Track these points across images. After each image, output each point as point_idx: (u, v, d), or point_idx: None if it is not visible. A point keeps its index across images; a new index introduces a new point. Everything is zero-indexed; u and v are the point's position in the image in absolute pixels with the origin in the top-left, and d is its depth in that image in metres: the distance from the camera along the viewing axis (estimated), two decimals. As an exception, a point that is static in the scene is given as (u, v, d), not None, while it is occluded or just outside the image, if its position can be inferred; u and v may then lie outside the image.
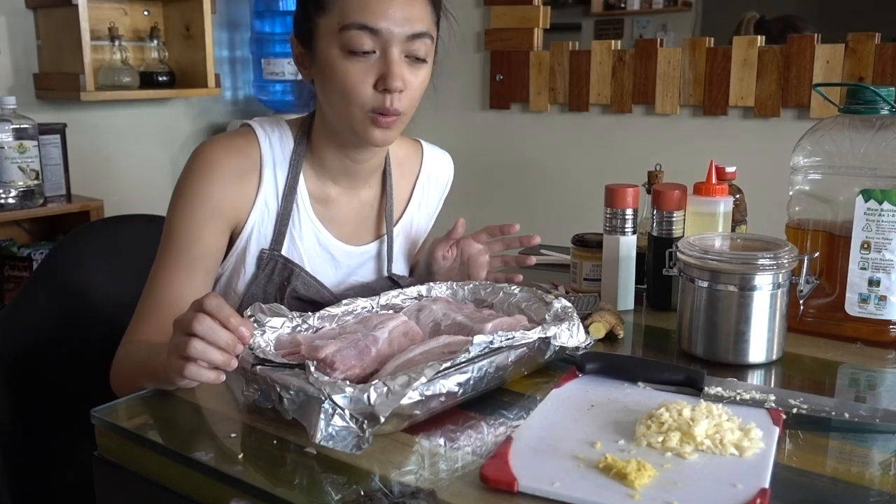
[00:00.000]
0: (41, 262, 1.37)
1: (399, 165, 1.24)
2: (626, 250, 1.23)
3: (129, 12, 2.48)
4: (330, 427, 0.74)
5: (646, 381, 0.92)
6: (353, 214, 1.19)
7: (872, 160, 1.07)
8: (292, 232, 1.12)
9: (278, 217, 1.11)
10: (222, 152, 1.07)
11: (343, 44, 1.00)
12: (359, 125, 1.03)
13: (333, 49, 1.01)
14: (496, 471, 0.71)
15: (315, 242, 1.15)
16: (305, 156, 1.13)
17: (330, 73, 1.02)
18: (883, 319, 1.09)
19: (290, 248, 1.13)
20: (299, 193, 1.12)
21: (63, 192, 2.29)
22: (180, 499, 0.79)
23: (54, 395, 1.26)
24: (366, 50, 1.00)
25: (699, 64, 2.24)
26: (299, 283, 1.12)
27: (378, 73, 1.01)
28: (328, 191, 1.15)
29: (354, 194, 1.18)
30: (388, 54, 1.00)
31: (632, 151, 2.39)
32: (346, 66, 1.00)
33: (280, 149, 1.11)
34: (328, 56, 1.02)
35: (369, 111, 1.02)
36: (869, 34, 2.00)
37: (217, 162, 1.06)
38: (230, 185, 1.07)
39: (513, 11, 2.55)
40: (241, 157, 1.08)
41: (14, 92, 2.26)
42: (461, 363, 0.82)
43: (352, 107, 1.02)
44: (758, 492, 0.68)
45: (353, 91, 1.01)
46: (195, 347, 0.81)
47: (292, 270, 1.12)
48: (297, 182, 1.11)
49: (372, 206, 1.21)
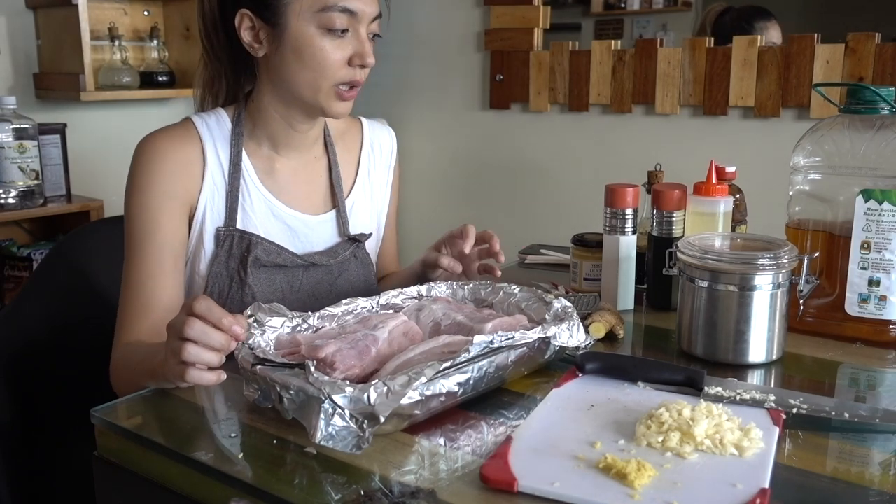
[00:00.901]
0: (41, 262, 1.37)
1: (341, 138, 1.29)
2: (626, 250, 1.23)
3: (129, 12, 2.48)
4: (330, 427, 0.74)
5: (646, 381, 0.92)
6: (303, 185, 1.22)
7: (872, 160, 1.07)
8: (244, 206, 1.16)
9: (228, 194, 1.15)
10: (162, 140, 1.12)
11: (322, 23, 1.07)
12: (324, 98, 1.10)
13: (309, 28, 1.07)
14: (496, 471, 0.71)
15: (268, 213, 1.17)
16: (245, 133, 1.17)
17: (305, 50, 1.07)
18: (883, 319, 1.09)
19: (245, 222, 1.16)
20: (245, 169, 1.16)
21: (63, 192, 2.29)
22: (180, 499, 0.79)
23: (54, 395, 1.26)
24: (342, 29, 1.07)
25: (699, 64, 2.24)
26: (259, 251, 1.15)
27: (353, 50, 1.09)
28: (274, 164, 1.19)
29: (301, 165, 1.22)
30: (360, 33, 1.09)
31: (632, 151, 2.39)
32: (324, 45, 1.07)
33: (218, 130, 1.16)
34: (304, 34, 1.07)
35: (337, 85, 1.10)
36: (869, 34, 2.00)
37: (159, 150, 1.11)
38: (176, 169, 1.11)
39: (513, 11, 2.55)
40: (181, 142, 1.13)
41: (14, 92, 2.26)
42: (461, 363, 0.82)
43: (322, 81, 1.09)
44: (758, 492, 0.68)
45: (329, 68, 1.08)
46: (190, 352, 0.82)
47: (250, 240, 1.15)
48: (240, 158, 1.16)
49: (321, 177, 1.25)
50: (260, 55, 1.12)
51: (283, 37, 1.08)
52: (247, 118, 1.18)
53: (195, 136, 1.14)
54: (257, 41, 1.11)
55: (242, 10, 1.09)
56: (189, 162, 1.12)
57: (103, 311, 1.34)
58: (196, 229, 1.14)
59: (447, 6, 2.69)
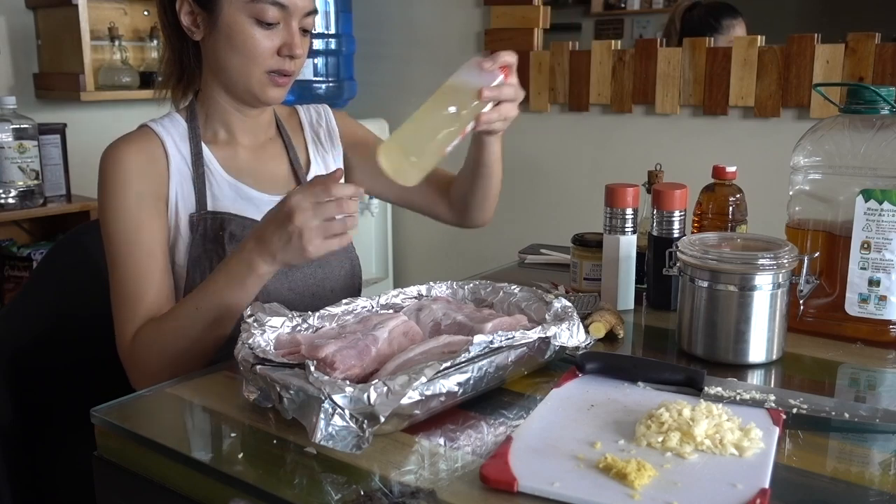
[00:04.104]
0: (41, 261, 1.37)
1: (286, 122, 1.34)
2: (626, 250, 1.23)
3: (129, 12, 2.48)
4: (330, 427, 0.74)
5: (646, 381, 0.92)
6: (264, 166, 1.26)
7: (872, 160, 1.07)
8: (212, 191, 1.19)
9: (194, 181, 1.19)
10: (124, 145, 1.16)
11: (253, 14, 1.11)
12: (256, 84, 1.15)
13: (241, 16, 1.12)
14: (496, 471, 0.71)
15: (236, 196, 1.21)
16: (201, 125, 1.22)
17: (236, 37, 1.12)
18: (883, 319, 1.09)
19: (215, 206, 1.19)
20: (206, 159, 1.20)
21: (63, 192, 2.29)
22: (180, 499, 0.79)
23: (54, 395, 1.26)
24: (272, 21, 1.12)
25: (699, 64, 2.24)
26: (234, 227, 1.17)
27: (282, 41, 1.13)
28: (233, 149, 1.23)
29: (259, 149, 1.26)
30: (290, 26, 1.14)
31: (632, 151, 2.39)
32: (253, 33, 1.12)
33: (174, 128, 1.20)
34: (236, 22, 1.12)
35: (268, 72, 1.15)
36: (869, 34, 2.00)
37: (123, 154, 1.15)
38: (143, 168, 1.15)
39: (513, 11, 2.55)
40: (142, 143, 1.17)
41: (14, 92, 2.27)
42: (461, 363, 0.82)
43: (253, 68, 1.14)
44: (758, 492, 0.68)
45: (259, 56, 1.13)
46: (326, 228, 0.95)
47: (223, 219, 1.18)
48: (200, 150, 1.20)
49: (281, 158, 1.29)
50: (196, 38, 1.17)
51: (217, 23, 1.13)
52: (199, 111, 1.23)
53: (154, 137, 1.18)
54: (195, 25, 1.16)
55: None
56: (153, 160, 1.16)
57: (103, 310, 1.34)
58: (171, 221, 1.17)
59: (447, 6, 2.69)
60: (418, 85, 2.79)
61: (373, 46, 2.87)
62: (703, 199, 1.30)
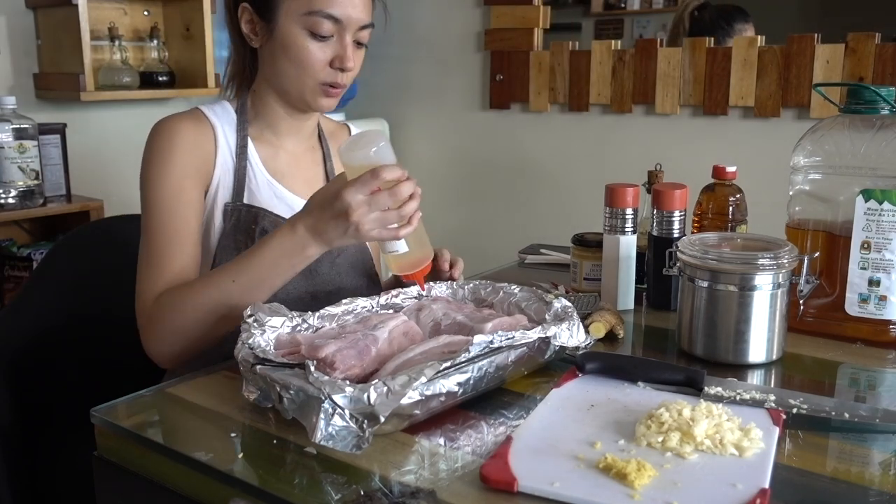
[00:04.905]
0: (41, 261, 1.37)
1: (331, 136, 1.36)
2: (626, 250, 1.23)
3: (129, 12, 2.47)
4: (330, 427, 0.74)
5: (646, 381, 0.92)
6: (303, 171, 1.28)
7: (872, 160, 1.07)
8: (250, 186, 1.21)
9: (235, 172, 1.21)
10: (178, 122, 1.18)
11: (307, 26, 1.13)
12: (309, 94, 1.17)
13: (296, 28, 1.13)
14: (496, 471, 0.71)
15: (272, 195, 1.22)
16: (249, 120, 1.24)
17: (290, 47, 1.14)
18: (883, 319, 1.09)
19: (251, 200, 1.21)
20: (250, 152, 1.22)
21: (63, 192, 2.29)
22: (180, 499, 0.79)
23: (54, 395, 1.26)
24: (326, 35, 1.13)
25: (699, 64, 2.24)
26: (267, 223, 1.19)
27: (334, 53, 1.15)
28: (276, 150, 1.26)
29: (300, 153, 1.29)
30: (344, 40, 1.15)
31: (632, 151, 2.39)
32: (307, 45, 1.14)
33: (225, 116, 1.23)
34: (291, 33, 1.14)
35: (321, 83, 1.16)
36: (869, 34, 2.00)
37: (175, 130, 1.17)
38: (193, 147, 1.17)
39: (513, 11, 2.55)
40: (194, 123, 1.19)
41: (14, 92, 2.26)
42: (461, 363, 0.82)
43: (306, 79, 1.16)
44: (758, 492, 0.68)
45: (312, 67, 1.15)
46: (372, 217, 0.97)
47: (257, 213, 1.20)
48: (245, 142, 1.22)
49: (318, 166, 1.32)
50: (255, 45, 1.20)
51: (273, 32, 1.15)
52: (250, 107, 1.25)
53: (206, 121, 1.20)
54: (254, 33, 1.19)
55: (243, 3, 1.18)
56: (203, 141, 1.19)
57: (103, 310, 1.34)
58: (208, 205, 1.19)
59: (447, 6, 2.69)
60: (418, 85, 2.79)
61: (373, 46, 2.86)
62: (703, 199, 1.30)
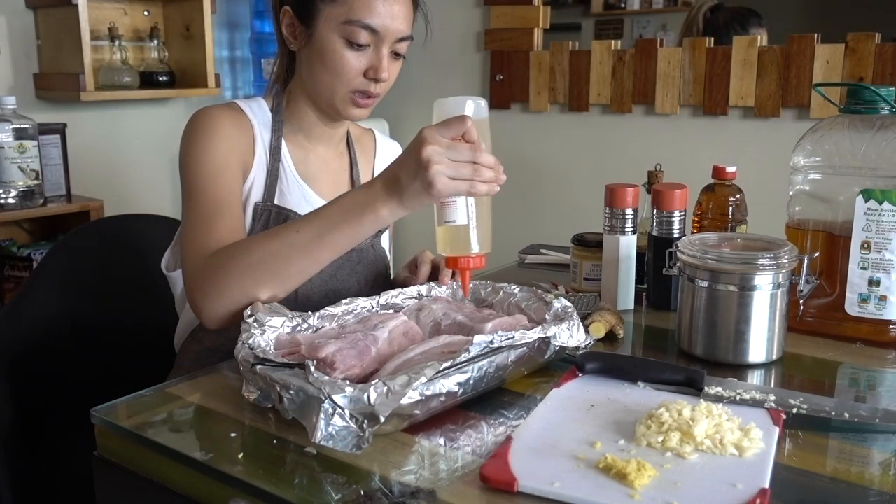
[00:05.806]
0: (41, 261, 1.37)
1: (357, 141, 1.37)
2: (626, 250, 1.23)
3: (129, 12, 2.47)
4: (330, 427, 0.74)
5: (646, 381, 0.92)
6: (331, 176, 1.29)
7: (872, 160, 1.07)
8: (281, 187, 1.21)
9: (268, 172, 1.21)
10: (218, 112, 1.18)
11: (345, 34, 1.12)
12: (339, 101, 1.17)
13: (334, 35, 1.13)
14: (496, 471, 0.71)
15: (301, 198, 1.22)
16: (283, 121, 1.24)
17: (326, 54, 1.14)
18: (883, 319, 1.09)
19: (281, 201, 1.21)
20: (283, 153, 1.23)
21: (63, 192, 2.29)
22: (180, 499, 0.79)
23: (54, 395, 1.26)
24: (363, 44, 1.13)
25: (699, 64, 2.24)
26: None
27: (369, 63, 1.15)
28: (307, 153, 1.26)
29: (330, 157, 1.29)
30: (380, 50, 1.15)
31: (632, 151, 2.39)
32: (343, 53, 1.13)
33: (261, 114, 1.23)
34: (328, 40, 1.13)
35: (353, 92, 1.16)
36: (869, 34, 2.00)
37: (218, 118, 1.16)
38: (235, 135, 1.17)
39: (513, 11, 2.55)
40: (235, 115, 1.20)
41: (14, 92, 2.26)
42: (461, 363, 0.82)
43: (339, 86, 1.16)
44: (758, 492, 0.68)
45: (345, 75, 1.14)
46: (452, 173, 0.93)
47: (287, 215, 1.19)
48: (280, 143, 1.22)
49: (344, 171, 1.32)
50: (293, 49, 1.20)
51: (312, 38, 1.16)
52: (285, 108, 1.25)
53: (245, 116, 1.21)
54: (293, 37, 1.19)
55: (285, 6, 1.19)
56: (244, 133, 1.19)
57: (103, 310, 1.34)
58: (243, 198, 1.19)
59: (447, 6, 2.69)
60: (418, 85, 2.79)
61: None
62: (703, 199, 1.30)
